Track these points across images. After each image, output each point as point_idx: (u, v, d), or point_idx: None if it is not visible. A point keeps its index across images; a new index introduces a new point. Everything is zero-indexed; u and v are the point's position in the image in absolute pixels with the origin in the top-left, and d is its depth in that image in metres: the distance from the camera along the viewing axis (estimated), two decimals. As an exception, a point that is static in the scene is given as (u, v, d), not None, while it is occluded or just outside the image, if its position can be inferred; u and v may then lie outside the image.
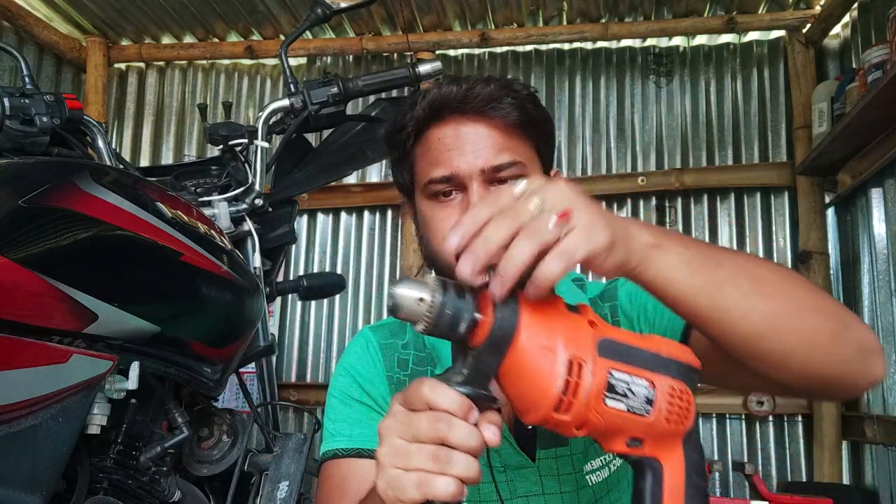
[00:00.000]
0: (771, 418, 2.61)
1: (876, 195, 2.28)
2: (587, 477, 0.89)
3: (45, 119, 0.99)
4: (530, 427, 0.87)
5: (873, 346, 0.68)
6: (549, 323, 0.56)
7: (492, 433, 0.58)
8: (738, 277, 0.63)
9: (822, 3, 2.68)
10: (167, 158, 3.14)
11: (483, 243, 0.54)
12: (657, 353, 0.59)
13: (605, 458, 0.90)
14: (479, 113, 0.84)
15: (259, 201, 1.26)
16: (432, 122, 0.86)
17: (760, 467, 2.58)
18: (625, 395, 0.57)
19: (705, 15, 2.83)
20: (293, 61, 3.08)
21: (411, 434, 0.56)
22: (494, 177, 0.84)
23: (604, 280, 0.98)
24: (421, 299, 0.54)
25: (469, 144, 0.84)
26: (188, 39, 3.16)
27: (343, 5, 1.29)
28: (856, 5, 2.45)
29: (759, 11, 2.78)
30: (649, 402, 0.57)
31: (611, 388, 0.56)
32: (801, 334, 0.64)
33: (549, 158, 0.93)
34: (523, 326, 0.55)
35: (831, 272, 2.59)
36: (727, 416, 2.63)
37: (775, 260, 2.71)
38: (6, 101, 0.96)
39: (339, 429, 0.93)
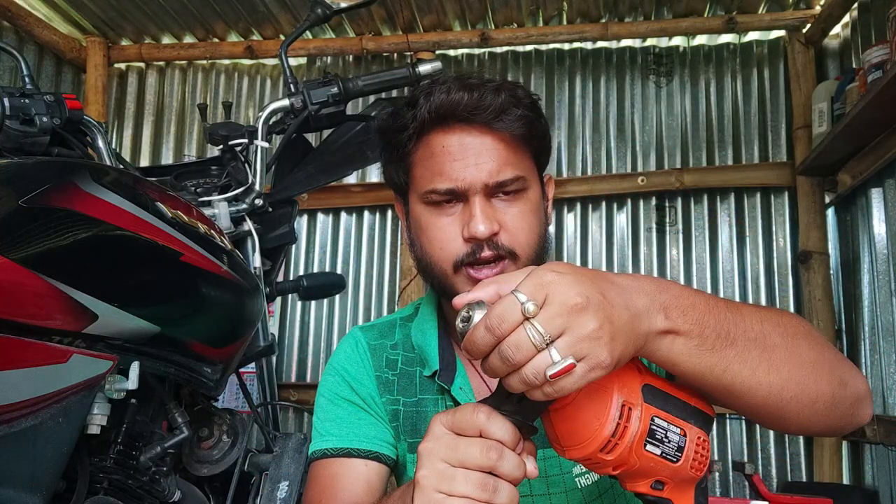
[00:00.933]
0: (771, 418, 2.61)
1: (876, 195, 2.28)
2: (576, 480, 0.89)
3: (45, 119, 0.99)
4: None
5: (865, 396, 0.71)
6: None
7: (532, 465, 0.59)
8: (749, 351, 0.63)
9: (822, 3, 2.68)
10: (167, 158, 3.14)
11: (491, 373, 0.55)
12: (688, 402, 0.62)
13: None
14: (487, 125, 0.83)
15: (259, 201, 1.26)
16: (436, 127, 0.85)
17: (760, 467, 2.58)
18: (661, 441, 0.59)
19: (705, 15, 2.83)
20: (293, 61, 3.08)
21: (458, 459, 0.56)
22: (498, 184, 0.84)
23: None
24: None
25: (474, 157, 0.83)
26: (188, 39, 3.16)
27: (343, 5, 1.29)
28: (856, 5, 2.45)
29: (759, 11, 2.78)
30: (680, 449, 0.60)
31: (651, 434, 0.58)
32: (804, 403, 0.66)
33: (545, 165, 0.94)
34: None
35: (831, 272, 2.59)
36: (727, 415, 2.63)
37: (775, 260, 2.72)
38: (6, 101, 0.96)
39: (329, 428, 0.93)
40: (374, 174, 3.06)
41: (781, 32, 2.81)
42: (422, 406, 0.94)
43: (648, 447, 0.58)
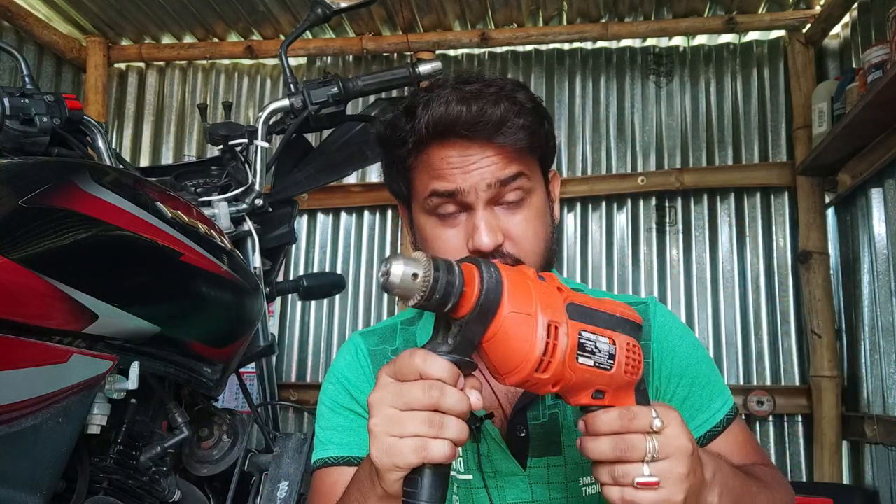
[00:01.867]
0: (771, 418, 2.61)
1: (876, 195, 2.28)
2: (581, 488, 0.89)
3: (45, 119, 0.99)
4: (523, 434, 0.88)
5: None
6: (525, 290, 0.61)
7: (476, 397, 0.62)
8: None
9: (822, 3, 2.68)
10: (167, 158, 3.14)
11: (597, 452, 0.66)
12: (613, 313, 0.67)
13: None
14: (488, 139, 0.82)
15: (259, 201, 1.26)
16: (435, 141, 0.84)
17: (760, 467, 2.57)
18: (592, 353, 0.64)
19: (705, 15, 2.83)
20: (293, 61, 3.08)
21: (404, 402, 0.60)
22: (500, 196, 0.83)
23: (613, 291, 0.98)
24: (415, 275, 0.57)
25: (474, 165, 0.82)
26: (188, 39, 3.16)
27: (343, 5, 1.29)
28: (856, 5, 2.45)
29: (759, 11, 2.78)
30: (611, 357, 0.65)
31: (581, 347, 0.63)
32: None
33: (549, 164, 0.93)
34: (506, 296, 0.60)
35: (831, 272, 2.59)
36: (727, 416, 2.63)
37: (775, 260, 2.72)
38: (6, 101, 0.96)
39: (330, 437, 0.93)
40: (374, 174, 3.06)
41: (781, 32, 2.81)
42: None
43: (581, 360, 0.63)
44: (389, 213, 3.03)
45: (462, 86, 0.83)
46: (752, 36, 2.88)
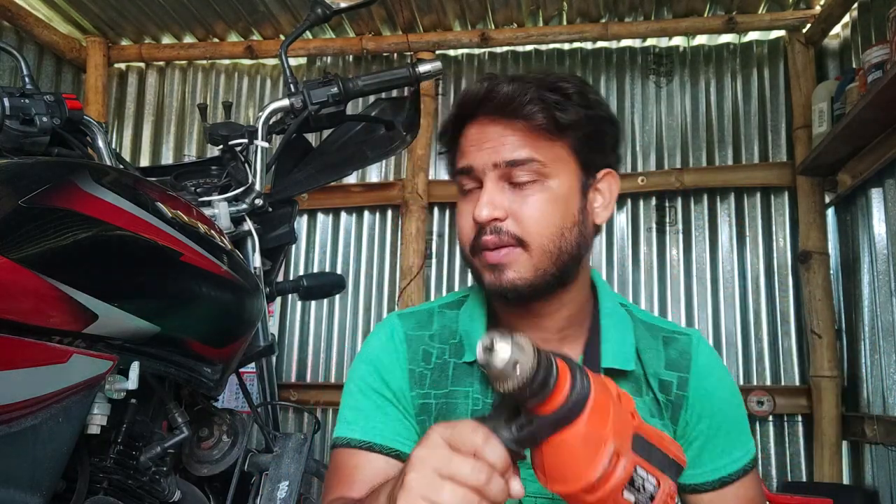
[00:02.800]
0: (771, 418, 2.61)
1: (876, 195, 2.28)
2: None
3: (45, 119, 0.99)
4: None
5: None
6: (605, 410, 0.60)
7: (518, 486, 0.61)
8: None
9: (822, 3, 2.68)
10: (167, 158, 3.14)
11: None
12: (668, 454, 0.65)
13: None
14: (500, 114, 0.85)
15: (259, 201, 1.26)
16: (465, 120, 0.90)
17: (760, 467, 2.58)
18: (638, 490, 0.62)
19: (705, 15, 2.83)
20: (293, 61, 3.08)
21: (450, 472, 0.58)
22: (511, 174, 0.85)
23: (654, 313, 0.98)
24: (517, 363, 0.55)
25: (488, 142, 0.86)
26: (188, 39, 3.16)
27: (343, 5, 1.29)
28: (856, 5, 2.45)
29: (759, 11, 2.78)
30: (652, 498, 0.63)
31: (631, 482, 0.61)
32: None
33: (597, 159, 0.91)
34: (587, 412, 0.58)
35: (831, 272, 2.59)
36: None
37: (775, 260, 2.72)
38: (6, 101, 0.96)
39: (355, 418, 0.93)
40: (374, 174, 3.06)
41: (781, 32, 2.81)
42: (451, 398, 0.94)
43: (626, 494, 0.61)
44: (389, 213, 3.03)
45: (515, 74, 0.88)
46: (752, 36, 2.88)
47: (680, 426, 0.91)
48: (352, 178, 2.98)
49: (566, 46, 2.99)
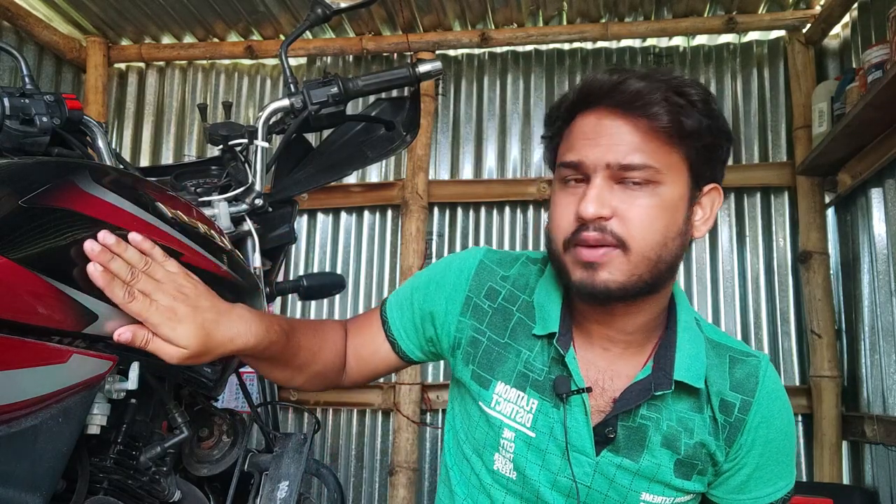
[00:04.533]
0: (771, 418, 2.61)
1: (876, 195, 2.28)
2: (640, 502, 0.90)
3: (45, 119, 0.99)
4: (612, 436, 0.89)
5: None
6: None
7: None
8: None
9: (822, 3, 2.68)
10: (167, 158, 3.15)
11: None
12: None
13: (665, 500, 0.91)
14: (624, 109, 0.82)
15: (259, 201, 1.25)
16: (581, 109, 0.86)
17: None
18: None
19: (705, 15, 2.83)
20: (293, 61, 3.08)
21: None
22: (622, 175, 0.82)
23: (721, 328, 0.99)
24: None
25: (605, 137, 0.83)
26: (188, 39, 3.16)
27: (343, 5, 1.29)
28: (856, 5, 2.45)
29: (759, 11, 2.78)
30: None
31: None
32: None
33: (707, 172, 0.87)
34: None
35: (831, 272, 2.59)
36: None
37: (775, 260, 2.72)
38: (6, 101, 0.95)
39: (397, 297, 1.07)
40: (374, 174, 3.06)
41: (781, 32, 2.81)
42: (505, 350, 0.95)
43: None
44: (389, 213, 3.03)
45: (637, 69, 0.88)
46: (752, 36, 2.88)
47: (734, 449, 0.91)
48: (352, 178, 2.98)
49: (566, 46, 2.99)
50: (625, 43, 2.96)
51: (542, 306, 0.95)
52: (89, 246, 0.71)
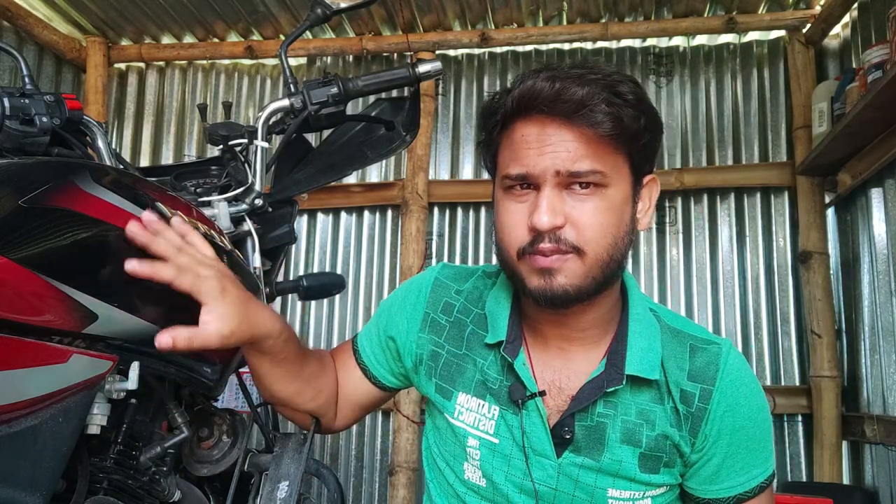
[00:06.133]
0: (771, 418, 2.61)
1: (876, 195, 2.28)
2: (609, 500, 0.90)
3: (45, 119, 0.99)
4: (568, 436, 0.90)
5: None
6: None
7: None
8: None
9: (822, 3, 2.68)
10: (167, 158, 3.15)
11: None
12: None
13: (634, 494, 0.90)
14: (567, 118, 0.81)
15: (259, 201, 1.25)
16: (520, 116, 0.85)
17: (760, 467, 2.57)
18: None
19: (705, 15, 2.83)
20: (293, 61, 3.08)
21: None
22: (570, 181, 0.82)
23: (680, 313, 1.00)
24: None
25: (550, 146, 0.82)
26: (188, 39, 3.16)
27: (343, 5, 1.29)
28: (856, 5, 2.45)
29: (759, 11, 2.78)
30: None
31: None
32: None
33: (645, 165, 0.89)
34: None
35: (831, 272, 2.59)
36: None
37: (775, 260, 2.72)
38: (6, 101, 0.95)
39: (367, 329, 1.11)
40: (374, 174, 3.06)
41: (781, 32, 2.81)
42: (462, 360, 0.98)
43: None
44: (389, 213, 3.03)
45: (568, 69, 0.84)
46: (752, 36, 2.88)
47: (699, 439, 0.90)
48: (352, 178, 2.98)
49: (566, 46, 2.99)
50: (625, 43, 2.96)
51: (492, 315, 0.97)
52: (132, 229, 0.75)
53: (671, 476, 0.91)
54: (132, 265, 0.73)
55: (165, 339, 0.75)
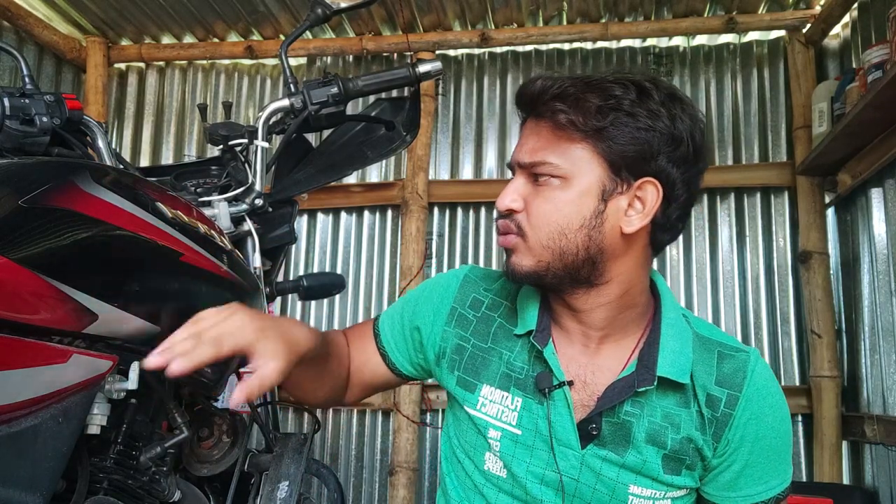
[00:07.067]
0: (771, 418, 2.61)
1: (876, 195, 2.28)
2: (630, 497, 0.91)
3: (45, 119, 0.99)
4: (595, 433, 0.91)
5: None
6: None
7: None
8: None
9: (822, 3, 2.68)
10: (167, 158, 3.14)
11: None
12: None
13: (655, 493, 0.91)
14: (538, 116, 0.90)
15: (259, 201, 1.25)
16: (523, 115, 0.95)
17: (760, 467, 2.57)
18: None
19: (705, 15, 2.83)
20: (293, 61, 3.08)
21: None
22: (533, 172, 0.90)
23: (706, 318, 1.01)
24: None
25: (526, 139, 0.91)
26: (188, 39, 3.16)
27: (343, 5, 1.29)
28: (856, 5, 2.45)
29: (759, 11, 2.78)
30: None
31: None
32: None
33: (636, 166, 0.86)
34: None
35: (831, 272, 2.59)
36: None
37: (775, 260, 2.72)
38: (6, 101, 0.95)
39: (390, 312, 1.11)
40: (374, 174, 3.06)
41: (781, 32, 2.81)
42: (487, 354, 1.00)
43: None
44: (389, 213, 3.03)
45: (591, 74, 0.91)
46: (752, 36, 2.88)
47: (721, 444, 0.91)
48: (352, 178, 2.98)
49: (566, 46, 2.99)
50: (625, 43, 2.96)
51: (522, 308, 1.00)
52: (150, 362, 0.69)
53: (692, 479, 0.92)
54: (155, 361, 0.69)
55: (249, 391, 0.72)
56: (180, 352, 0.69)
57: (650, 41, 2.95)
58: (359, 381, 1.10)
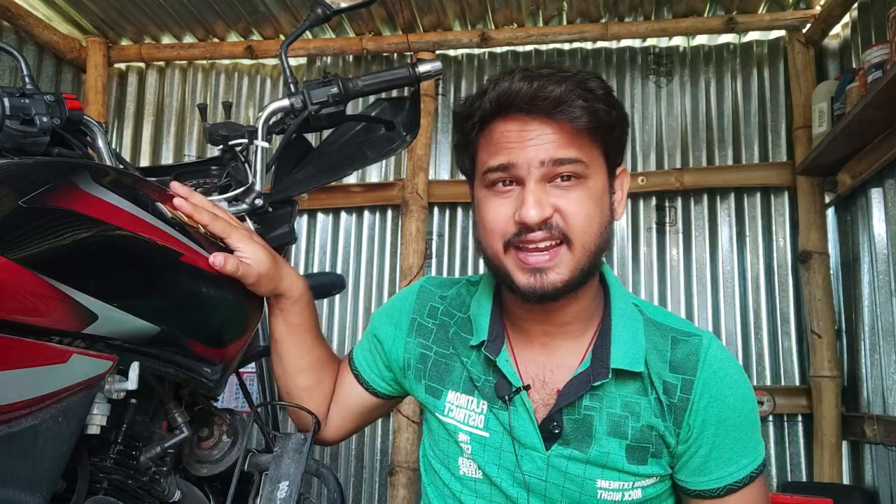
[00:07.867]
0: (771, 418, 2.61)
1: (876, 195, 2.28)
2: (598, 490, 0.91)
3: (45, 119, 0.99)
4: (556, 431, 0.91)
5: None
6: None
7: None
8: None
9: (822, 3, 2.68)
10: (167, 158, 3.15)
11: None
12: None
13: (623, 485, 0.91)
14: (547, 115, 0.84)
15: (259, 201, 1.25)
16: (498, 116, 0.87)
17: (760, 467, 2.57)
18: None
19: (705, 15, 2.83)
20: (293, 61, 3.08)
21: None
22: (554, 173, 0.85)
23: (652, 304, 1.02)
24: None
25: (532, 140, 0.85)
26: (188, 39, 3.16)
27: (343, 5, 1.29)
28: (856, 5, 2.45)
29: (759, 11, 2.78)
30: None
31: None
32: None
33: (617, 157, 0.93)
34: None
35: (831, 272, 2.59)
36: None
37: (775, 260, 2.72)
38: (6, 101, 0.95)
39: (362, 339, 1.15)
40: (374, 174, 3.06)
41: (781, 32, 2.81)
42: (451, 360, 1.01)
43: None
44: (389, 213, 3.03)
45: (536, 69, 0.87)
46: (752, 36, 2.88)
47: (683, 430, 0.90)
48: (352, 178, 2.98)
49: (566, 46, 2.99)
50: (625, 43, 2.96)
51: (475, 317, 1.00)
52: (178, 201, 0.92)
53: (660, 467, 0.92)
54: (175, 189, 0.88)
55: (219, 259, 0.89)
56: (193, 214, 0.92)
57: (650, 41, 2.95)
58: (341, 410, 1.13)
